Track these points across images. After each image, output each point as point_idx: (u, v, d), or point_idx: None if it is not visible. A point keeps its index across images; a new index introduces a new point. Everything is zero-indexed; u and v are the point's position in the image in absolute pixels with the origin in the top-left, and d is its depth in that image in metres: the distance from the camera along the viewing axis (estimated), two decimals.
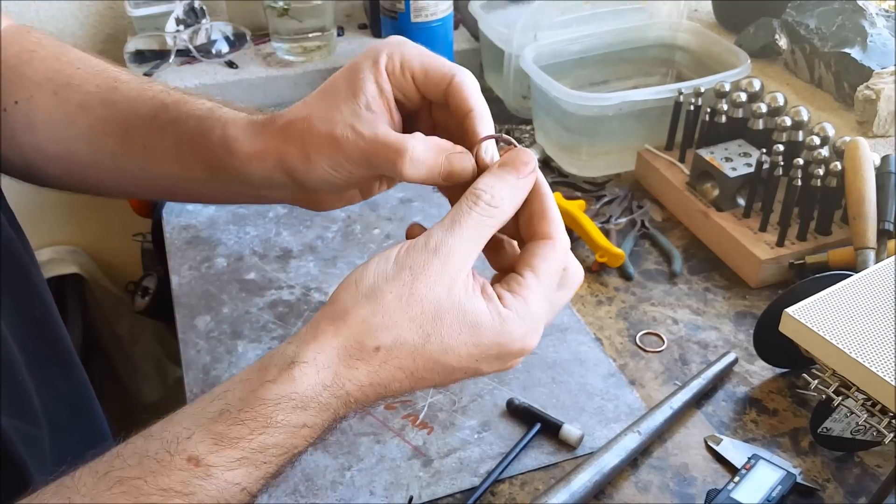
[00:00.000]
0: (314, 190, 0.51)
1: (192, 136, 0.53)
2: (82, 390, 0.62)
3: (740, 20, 1.23)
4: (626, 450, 0.64)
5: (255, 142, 0.50)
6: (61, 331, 0.60)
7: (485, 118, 0.48)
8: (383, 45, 0.48)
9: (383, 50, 0.48)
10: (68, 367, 0.60)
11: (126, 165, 0.57)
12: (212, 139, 0.52)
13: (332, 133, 0.47)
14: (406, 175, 0.47)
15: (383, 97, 0.48)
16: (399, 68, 0.48)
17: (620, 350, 0.77)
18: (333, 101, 0.48)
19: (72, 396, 0.61)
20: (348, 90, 0.47)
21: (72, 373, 0.61)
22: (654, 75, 1.14)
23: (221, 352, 0.76)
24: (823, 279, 0.68)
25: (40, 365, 0.56)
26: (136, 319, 1.34)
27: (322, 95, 0.49)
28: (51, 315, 0.58)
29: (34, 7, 1.26)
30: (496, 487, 0.64)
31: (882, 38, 1.06)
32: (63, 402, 0.59)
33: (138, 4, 1.17)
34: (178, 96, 0.56)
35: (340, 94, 0.48)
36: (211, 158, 0.53)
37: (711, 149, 0.90)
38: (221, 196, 0.58)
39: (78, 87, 0.57)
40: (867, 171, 0.79)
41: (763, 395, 0.72)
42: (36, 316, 0.56)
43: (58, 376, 0.59)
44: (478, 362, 0.43)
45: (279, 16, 1.13)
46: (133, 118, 0.56)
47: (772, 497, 0.60)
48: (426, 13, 0.99)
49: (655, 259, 0.88)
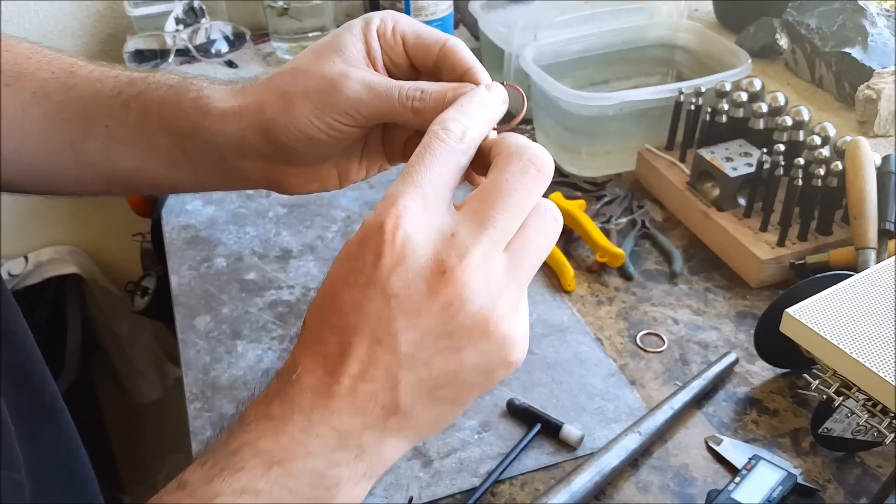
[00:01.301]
0: (290, 150, 0.48)
1: (163, 103, 0.51)
2: (68, 440, 0.58)
3: (741, 20, 1.23)
4: (626, 450, 0.64)
5: (233, 100, 0.49)
6: (45, 377, 0.56)
7: (484, 74, 0.46)
8: (373, 14, 0.48)
9: (377, 14, 0.47)
10: (54, 417, 0.56)
11: (85, 154, 0.54)
12: (184, 102, 0.50)
13: (331, 79, 0.45)
14: (414, 108, 0.44)
15: (371, 57, 0.47)
16: (391, 31, 0.47)
17: (621, 350, 0.77)
18: (323, 54, 0.47)
19: (56, 447, 0.57)
20: (338, 46, 0.46)
21: (58, 422, 0.57)
22: (655, 75, 1.14)
23: (221, 352, 0.76)
24: (824, 279, 0.68)
25: (22, 414, 0.51)
26: (136, 319, 1.33)
27: (311, 52, 0.47)
28: (32, 362, 0.54)
29: (34, 7, 1.26)
30: (496, 488, 0.64)
31: (883, 38, 1.06)
32: (47, 452, 0.56)
33: (138, 4, 1.17)
34: (147, 72, 0.54)
35: (330, 48, 0.47)
36: (181, 124, 0.50)
37: (712, 149, 0.90)
38: (187, 178, 0.54)
39: (32, 74, 0.54)
40: (868, 170, 0.79)
41: (764, 396, 0.72)
42: (15, 363, 0.52)
43: (42, 426, 0.55)
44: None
45: (279, 15, 1.13)
46: (94, 97, 0.53)
47: (772, 497, 0.60)
48: (426, 13, 0.99)
49: (656, 259, 0.88)
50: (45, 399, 0.56)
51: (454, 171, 0.39)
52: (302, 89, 0.46)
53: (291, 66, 0.47)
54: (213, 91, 0.50)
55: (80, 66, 0.55)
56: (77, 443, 0.59)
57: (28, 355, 0.54)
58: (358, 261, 0.36)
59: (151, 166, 0.53)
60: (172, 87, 0.51)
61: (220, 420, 0.69)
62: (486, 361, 0.37)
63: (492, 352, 0.37)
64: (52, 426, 0.57)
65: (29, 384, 0.54)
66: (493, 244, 0.37)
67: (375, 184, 1.00)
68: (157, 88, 0.52)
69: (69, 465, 0.59)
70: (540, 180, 0.38)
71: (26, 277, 1.31)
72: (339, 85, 0.45)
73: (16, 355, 0.53)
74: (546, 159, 0.39)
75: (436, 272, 0.36)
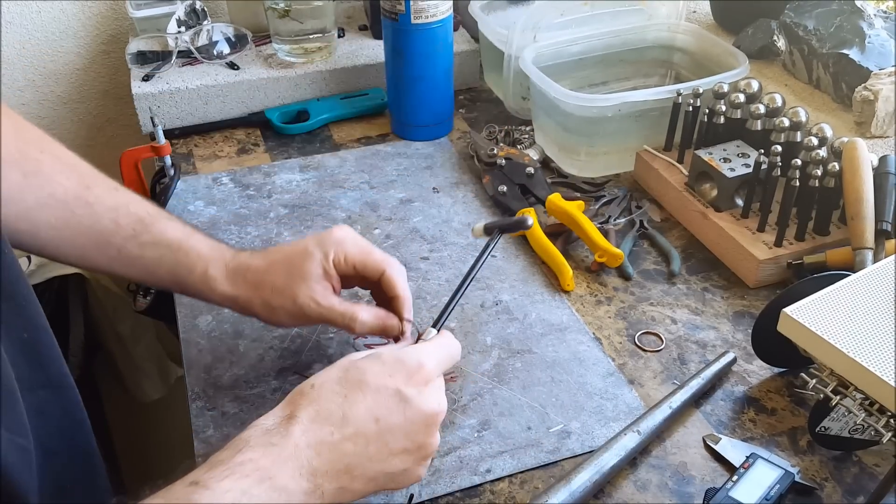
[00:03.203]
0: (268, 322, 0.70)
1: (173, 266, 0.68)
2: (74, 415, 0.62)
3: (739, 21, 1.24)
4: (625, 449, 0.64)
5: (230, 287, 0.68)
6: (54, 353, 0.59)
7: (407, 303, 0.69)
8: (330, 241, 0.67)
9: (331, 247, 0.67)
10: (60, 392, 0.60)
11: (93, 259, 0.68)
12: (194, 273, 0.68)
13: (295, 300, 0.66)
14: (356, 332, 0.68)
15: (331, 278, 0.67)
16: (343, 261, 0.67)
17: (619, 349, 0.77)
18: (293, 277, 0.67)
19: (63, 421, 0.60)
20: (305, 271, 0.66)
21: (64, 397, 0.60)
22: (653, 76, 1.14)
23: (223, 351, 0.77)
24: (821, 279, 0.68)
25: (30, 387, 0.56)
26: (138, 319, 1.34)
27: (284, 267, 0.67)
28: (41, 337, 0.58)
29: (36, 8, 1.26)
30: (496, 486, 0.64)
31: (880, 39, 1.06)
32: (55, 426, 0.59)
33: (140, 6, 1.17)
34: (153, 214, 0.68)
35: (298, 272, 0.67)
36: (188, 285, 0.69)
37: (710, 149, 0.90)
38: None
39: (49, 175, 0.65)
40: (865, 171, 0.79)
41: (761, 395, 0.72)
42: (24, 337, 0.56)
43: (49, 399, 0.58)
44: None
45: (280, 17, 1.14)
46: (109, 225, 0.66)
47: (770, 496, 0.60)
48: (426, 15, 1.00)
49: (654, 259, 0.89)
50: (52, 374, 0.59)
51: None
52: (279, 304, 0.67)
53: (271, 281, 0.67)
54: (216, 271, 0.68)
55: (94, 183, 0.67)
56: (83, 417, 0.62)
57: (38, 330, 0.58)
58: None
59: (145, 281, 0.73)
60: (180, 257, 0.68)
61: (222, 419, 0.70)
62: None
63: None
64: (58, 401, 0.60)
65: (38, 359, 0.58)
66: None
67: (376, 184, 1.01)
68: (166, 248, 0.68)
69: (75, 439, 0.61)
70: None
71: (29, 277, 1.31)
72: (304, 307, 0.67)
73: (26, 329, 0.56)
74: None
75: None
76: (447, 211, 0.96)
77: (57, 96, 1.36)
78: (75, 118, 1.39)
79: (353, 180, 1.02)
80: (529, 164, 0.97)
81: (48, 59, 1.32)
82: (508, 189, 0.96)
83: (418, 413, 0.53)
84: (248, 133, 1.14)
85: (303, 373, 0.74)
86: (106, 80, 1.37)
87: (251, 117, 1.15)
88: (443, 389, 0.56)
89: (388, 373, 0.54)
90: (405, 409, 0.53)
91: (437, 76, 1.06)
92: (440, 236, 0.92)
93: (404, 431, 0.53)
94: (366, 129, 1.14)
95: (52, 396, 0.59)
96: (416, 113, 1.09)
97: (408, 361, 0.55)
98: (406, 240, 0.91)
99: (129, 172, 1.00)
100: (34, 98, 1.34)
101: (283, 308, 0.67)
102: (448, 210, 0.96)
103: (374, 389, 0.53)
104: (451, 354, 0.60)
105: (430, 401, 0.54)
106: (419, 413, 0.53)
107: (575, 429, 0.69)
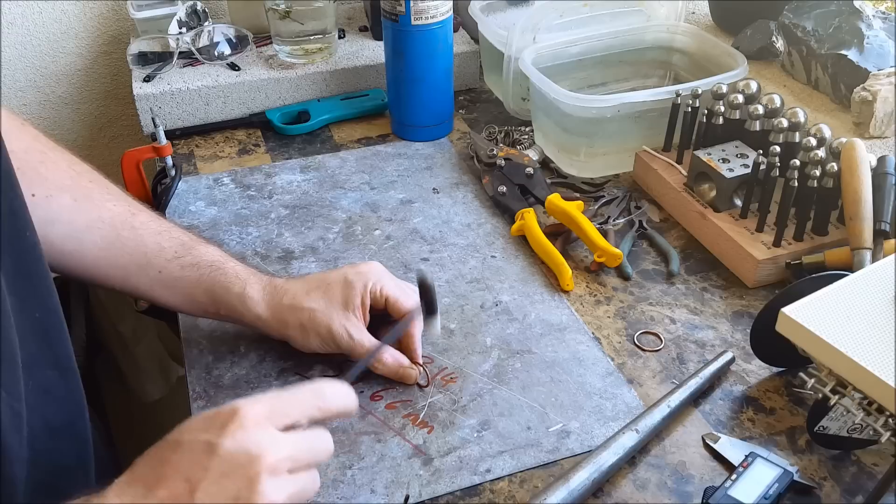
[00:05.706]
0: (298, 345, 0.73)
1: (211, 286, 0.72)
2: (76, 399, 0.62)
3: (737, 22, 1.24)
4: (624, 448, 0.65)
5: (266, 308, 0.72)
6: (63, 336, 0.60)
7: (418, 349, 0.74)
8: (370, 274, 0.72)
9: (371, 279, 0.72)
10: (65, 374, 0.60)
11: (135, 281, 0.72)
12: (231, 292, 0.71)
13: (330, 328, 0.70)
14: (376, 371, 0.72)
15: (364, 309, 0.71)
16: (379, 293, 0.72)
17: (618, 349, 0.77)
18: (332, 304, 0.71)
19: (66, 403, 0.61)
20: (344, 300, 0.71)
21: (68, 380, 0.61)
22: (652, 77, 1.15)
23: (224, 351, 0.77)
24: (820, 279, 0.68)
25: (39, 365, 0.57)
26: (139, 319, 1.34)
27: (323, 295, 0.71)
28: (52, 318, 0.59)
29: (37, 8, 1.27)
30: (496, 486, 0.65)
31: (879, 40, 1.07)
32: (58, 406, 0.59)
33: (141, 7, 1.18)
34: (193, 238, 0.74)
35: (337, 299, 0.71)
36: (224, 304, 0.72)
37: (709, 150, 0.91)
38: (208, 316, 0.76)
39: (98, 201, 0.71)
40: (863, 172, 0.80)
41: (760, 394, 0.72)
42: (37, 317, 0.57)
43: (55, 380, 0.59)
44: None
45: (281, 18, 1.14)
46: (154, 247, 0.71)
47: (769, 495, 0.61)
48: (426, 16, 1.00)
49: (653, 259, 0.89)
50: (60, 355, 0.60)
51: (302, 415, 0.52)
52: (314, 330, 0.71)
53: (309, 307, 0.71)
54: (254, 292, 0.72)
55: (138, 210, 0.73)
56: (83, 403, 0.63)
57: (49, 311, 0.59)
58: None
59: (181, 306, 0.75)
60: (219, 277, 0.72)
61: None
62: None
63: None
64: (63, 382, 0.61)
65: (47, 339, 0.59)
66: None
67: (376, 185, 1.01)
68: (207, 269, 0.72)
69: (75, 423, 0.62)
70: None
71: None
72: (336, 336, 0.70)
73: (38, 309, 0.57)
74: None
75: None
76: (447, 212, 0.96)
77: (58, 97, 1.36)
78: (77, 119, 1.39)
79: (353, 181, 1.03)
80: (529, 165, 0.98)
81: (49, 60, 1.32)
82: (508, 189, 0.96)
83: (227, 463, 0.46)
84: (248, 134, 1.14)
85: (303, 373, 0.74)
86: (107, 80, 1.37)
87: (252, 118, 1.15)
88: (273, 433, 0.49)
89: (204, 426, 0.48)
90: (211, 461, 0.46)
91: (437, 77, 1.06)
92: (440, 237, 0.92)
93: (217, 487, 0.46)
94: (366, 130, 1.15)
95: (59, 378, 0.60)
96: (417, 114, 1.09)
97: (223, 409, 0.49)
98: (406, 240, 0.92)
99: (130, 173, 1.00)
100: (35, 99, 1.35)
101: (317, 333, 0.70)
102: (448, 211, 0.96)
103: (186, 447, 0.48)
104: (324, 398, 0.53)
105: (245, 445, 0.47)
106: (228, 463, 0.46)
107: (574, 428, 0.69)
